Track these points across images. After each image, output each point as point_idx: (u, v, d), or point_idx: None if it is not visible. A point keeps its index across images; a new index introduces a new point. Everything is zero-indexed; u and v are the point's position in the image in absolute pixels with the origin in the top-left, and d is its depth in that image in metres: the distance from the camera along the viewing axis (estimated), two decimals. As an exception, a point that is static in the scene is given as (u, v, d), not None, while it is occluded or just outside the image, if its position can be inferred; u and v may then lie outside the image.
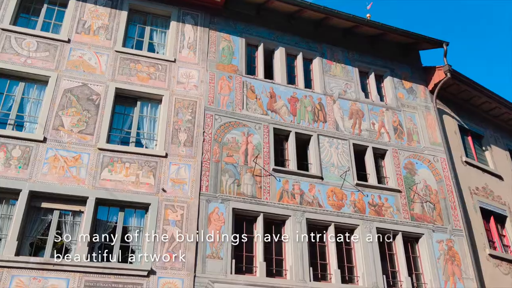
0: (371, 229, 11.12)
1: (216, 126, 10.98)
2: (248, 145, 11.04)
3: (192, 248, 9.29)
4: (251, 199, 10.40)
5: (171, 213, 9.52)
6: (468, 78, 14.21)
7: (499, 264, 12.34)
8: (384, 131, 12.92)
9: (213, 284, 9.11)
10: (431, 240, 11.56)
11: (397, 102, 13.60)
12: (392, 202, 11.77)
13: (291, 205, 10.70)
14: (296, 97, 12.35)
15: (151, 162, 9.95)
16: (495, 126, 15.60)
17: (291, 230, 10.41)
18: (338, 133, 12.28)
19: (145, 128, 10.70)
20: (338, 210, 11.11)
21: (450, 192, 12.55)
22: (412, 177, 12.43)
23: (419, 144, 13.09)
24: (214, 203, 10.00)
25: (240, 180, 10.52)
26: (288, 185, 10.94)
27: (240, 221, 10.27)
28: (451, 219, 12.09)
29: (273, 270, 10.03)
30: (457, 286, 11.15)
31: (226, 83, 11.68)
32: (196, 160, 10.31)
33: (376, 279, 10.50)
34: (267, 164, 10.99)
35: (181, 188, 9.87)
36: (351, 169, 11.81)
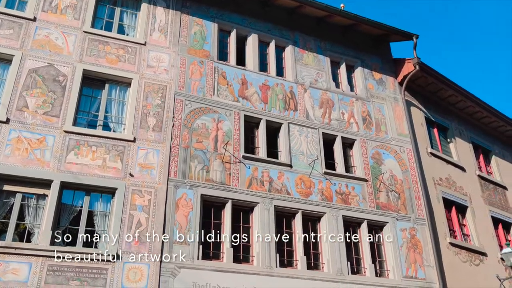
0: (337, 217, 11.31)
1: (186, 111, 10.89)
2: (218, 132, 11.01)
3: (159, 233, 9.24)
4: (220, 185, 10.40)
5: (138, 198, 9.43)
6: (435, 71, 14.52)
7: (459, 252, 12.79)
8: (353, 121, 13.09)
9: (179, 269, 9.11)
10: (395, 228, 11.87)
11: (366, 93, 13.78)
12: (359, 191, 11.99)
13: (260, 192, 10.76)
14: (268, 85, 12.36)
15: (119, 146, 9.80)
16: (460, 119, 16.03)
17: (259, 217, 10.48)
18: (308, 122, 12.38)
19: (113, 112, 10.50)
20: (306, 198, 11.25)
21: (415, 182, 12.88)
22: (379, 167, 12.68)
23: (387, 134, 13.34)
24: (182, 189, 9.95)
25: (209, 166, 10.50)
26: (257, 172, 10.99)
27: (208, 207, 10.27)
28: (414, 208, 12.43)
29: (240, 256, 10.09)
30: (418, 273, 11.51)
31: (197, 68, 11.57)
32: (165, 145, 10.21)
33: (341, 266, 10.72)
34: (237, 151, 10.99)
35: (149, 173, 9.77)
36: (320, 157, 11.95)
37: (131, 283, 8.60)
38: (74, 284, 8.25)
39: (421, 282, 11.40)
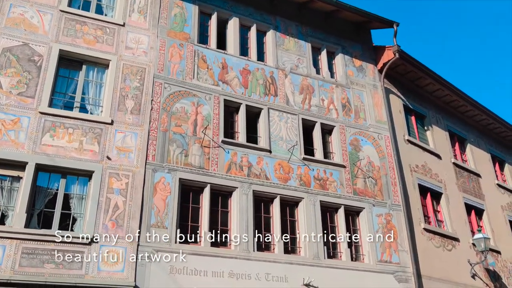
0: (315, 202, 11.43)
1: (165, 94, 10.77)
2: (198, 116, 10.94)
3: (137, 217, 9.20)
4: (198, 170, 10.37)
5: (116, 182, 9.34)
6: (415, 60, 14.67)
7: (432, 237, 13.10)
8: (333, 108, 13.17)
9: (156, 252, 9.11)
10: (371, 214, 12.07)
11: (346, 80, 13.85)
12: (337, 177, 12.12)
13: (239, 177, 10.78)
14: (248, 70, 12.30)
15: (96, 128, 9.66)
16: (438, 107, 16.28)
17: (238, 201, 10.52)
18: (288, 107, 12.40)
19: (90, 94, 10.32)
20: (285, 183, 11.32)
21: (392, 169, 13.07)
22: (357, 153, 12.82)
23: (365, 121, 13.47)
24: (160, 173, 9.90)
25: (188, 150, 10.45)
26: (236, 157, 10.99)
27: (186, 192, 10.25)
28: (391, 194, 12.64)
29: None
30: (393, 258, 11.76)
31: (177, 51, 11.42)
32: (143, 128, 10.11)
33: (318, 250, 10.87)
34: (216, 135, 10.96)
35: (127, 156, 9.68)
36: (299, 143, 12.01)
37: (107, 266, 8.57)
38: (49, 267, 8.18)
39: (395, 266, 11.66)
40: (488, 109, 17.34)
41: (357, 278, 10.98)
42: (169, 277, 9.03)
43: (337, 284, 10.63)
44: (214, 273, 9.50)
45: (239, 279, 9.69)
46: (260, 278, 9.92)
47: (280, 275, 10.15)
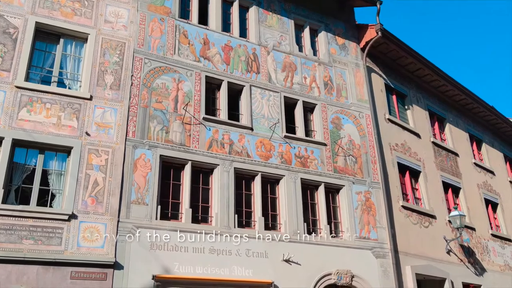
0: (295, 179, 11.51)
1: (146, 70, 10.60)
2: (179, 92, 10.82)
3: (117, 193, 9.14)
4: (179, 146, 10.32)
5: (95, 158, 9.24)
6: (397, 39, 14.68)
7: (410, 214, 13.37)
8: (315, 86, 13.16)
9: (137, 229, 9.11)
10: (351, 191, 12.23)
11: (329, 58, 13.82)
12: (318, 154, 12.20)
13: (220, 154, 10.76)
14: (230, 46, 12.16)
15: (75, 104, 9.48)
16: (418, 87, 16.41)
17: (219, 178, 10.53)
18: (270, 85, 12.34)
19: (68, 68, 10.10)
20: (266, 160, 11.35)
21: (372, 147, 13.21)
22: (338, 131, 12.90)
23: (347, 100, 13.52)
24: (140, 149, 9.82)
25: (169, 127, 10.37)
26: (218, 134, 10.95)
27: (167, 169, 10.21)
28: (370, 172, 12.80)
29: (198, 217, 10.18)
30: (371, 234, 11.99)
31: (157, 26, 11.20)
32: (123, 104, 9.96)
33: (297, 227, 11.01)
34: (197, 112, 10.88)
35: (106, 132, 9.56)
36: (281, 121, 12.01)
37: (87, 242, 8.54)
38: (28, 243, 8.11)
39: (373, 242, 11.90)
40: (467, 89, 17.57)
41: (336, 254, 11.19)
42: (150, 253, 9.06)
43: (316, 259, 10.83)
44: (194, 249, 9.56)
45: (220, 255, 9.78)
46: (241, 254, 10.03)
47: (260, 251, 10.27)
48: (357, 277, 11.23)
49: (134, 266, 8.79)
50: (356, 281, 11.20)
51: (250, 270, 9.96)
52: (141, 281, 8.73)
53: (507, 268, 16.47)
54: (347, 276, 11.06)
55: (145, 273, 8.82)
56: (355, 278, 11.19)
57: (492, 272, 15.44)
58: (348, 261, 11.27)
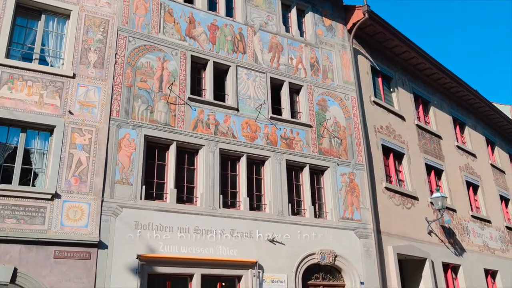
0: (281, 161, 11.55)
1: (130, 48, 10.43)
2: (164, 71, 10.69)
3: (100, 173, 9.07)
4: (164, 126, 10.24)
5: (79, 137, 9.13)
6: (384, 21, 14.66)
7: (393, 196, 13.55)
8: (301, 67, 13.12)
9: (121, 209, 9.08)
10: (335, 173, 12.33)
11: (316, 39, 13.75)
12: (303, 136, 12.23)
13: (205, 135, 10.72)
14: (216, 25, 12.01)
15: (57, 82, 9.31)
16: (404, 70, 16.48)
17: (204, 159, 10.51)
18: (257, 65, 12.26)
19: (50, 45, 9.88)
20: (252, 141, 11.35)
21: (357, 129, 13.29)
22: (324, 113, 12.92)
23: (333, 82, 13.52)
24: (125, 129, 9.72)
25: (154, 107, 10.26)
26: (203, 114, 10.89)
27: (152, 149, 10.15)
28: (355, 154, 12.90)
29: (183, 197, 10.18)
30: (354, 215, 12.15)
31: (142, 3, 10.98)
32: (107, 83, 9.81)
33: (282, 207, 11.09)
34: (182, 92, 10.78)
35: (90, 111, 9.43)
36: (267, 102, 11.98)
37: (71, 221, 8.49)
38: (10, 222, 8.03)
39: (357, 223, 12.06)
40: (452, 72, 17.71)
41: (320, 234, 11.33)
42: (134, 233, 9.06)
43: (300, 240, 10.96)
44: (179, 229, 9.59)
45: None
46: (225, 234, 10.09)
47: (245, 231, 10.35)
48: (340, 256, 11.40)
49: (118, 246, 8.78)
50: (339, 260, 11.39)
51: (235, 250, 10.05)
52: (126, 260, 8.74)
53: (485, 249, 16.89)
54: (330, 256, 11.23)
55: (130, 252, 8.83)
56: (338, 257, 11.36)
57: (471, 252, 15.82)
58: (331, 241, 11.43)
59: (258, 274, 10.09)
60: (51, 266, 8.05)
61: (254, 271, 10.04)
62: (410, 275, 13.62)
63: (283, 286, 10.32)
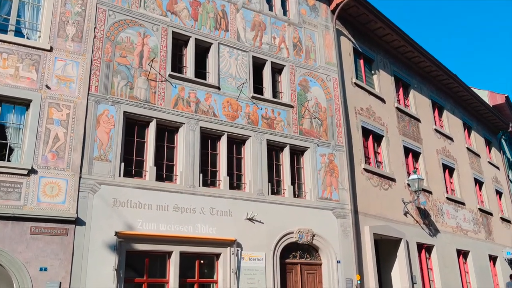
0: (261, 140, 11.56)
1: (110, 22, 10.18)
2: (144, 47, 10.49)
3: (78, 149, 8.94)
4: (144, 103, 10.11)
5: (56, 112, 8.94)
6: (367, 2, 14.63)
7: (371, 177, 13.75)
8: (284, 47, 13.04)
9: (99, 185, 8.99)
10: (315, 153, 12.41)
11: (299, 18, 13.65)
12: (284, 116, 12.24)
13: (186, 113, 10.63)
14: (199, 1, 11.80)
15: (34, 55, 9.05)
16: (386, 52, 16.54)
17: (184, 137, 10.44)
18: (239, 44, 12.14)
19: (26, 17, 9.56)
20: (232, 120, 11.30)
21: (338, 110, 13.35)
22: (305, 94, 12.93)
23: (315, 62, 13.49)
24: (104, 105, 9.56)
25: (134, 83, 10.10)
26: (184, 92, 10.77)
27: (131, 126, 10.02)
28: (335, 135, 12.99)
29: (163, 175, 10.13)
30: (333, 195, 12.30)
31: (122, -24, 10.69)
32: (86, 57, 9.59)
33: (262, 187, 11.15)
34: (163, 69, 10.62)
35: (68, 86, 9.22)
36: (248, 81, 11.91)
37: (47, 197, 8.37)
38: (-16, 198, 7.89)
39: (335, 203, 12.22)
40: (433, 56, 17.87)
41: (298, 213, 11.45)
42: (113, 210, 9.00)
43: (279, 219, 11.06)
44: (158, 207, 9.56)
45: (184, 212, 9.83)
46: (205, 212, 10.11)
47: (225, 210, 10.39)
48: (318, 236, 11.57)
49: (96, 223, 8.72)
50: (317, 239, 11.56)
51: (214, 228, 10.09)
52: (104, 237, 8.70)
53: (458, 230, 17.35)
54: (308, 235, 11.38)
55: (108, 229, 8.78)
56: (315, 237, 11.53)
57: (444, 233, 16.24)
58: (309, 220, 11.57)
59: (237, 252, 10.18)
60: (27, 242, 7.96)
61: (232, 249, 10.13)
62: (386, 255, 13.94)
63: (261, 264, 10.45)
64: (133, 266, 9.19)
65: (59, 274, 8.08)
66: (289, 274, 11.15)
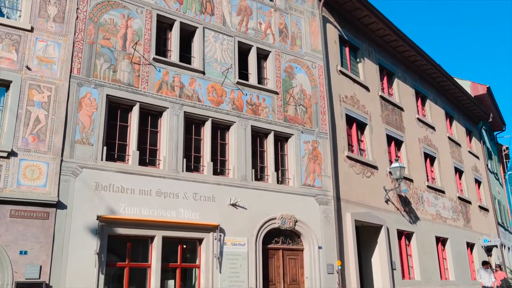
0: (246, 126, 11.54)
1: (92, 3, 9.97)
2: (128, 30, 10.33)
3: (60, 132, 8.80)
4: (127, 87, 9.98)
5: (37, 94, 8.77)
6: (354, -11, 14.59)
7: (354, 165, 13.87)
8: (270, 32, 12.97)
9: (81, 169, 8.89)
10: (299, 140, 12.46)
11: (285, 4, 13.57)
12: (269, 102, 12.22)
13: (170, 97, 10.53)
14: (184, -16, 11.63)
15: (14, 35, 8.83)
16: (371, 41, 16.58)
17: (168, 122, 10.36)
18: (225, 28, 12.03)
19: (6, -5, 9.32)
20: (217, 106, 11.25)
21: (322, 98, 13.38)
22: (290, 80, 12.92)
23: (301, 49, 13.47)
24: (86, 88, 9.41)
25: (117, 66, 9.95)
26: (168, 76, 10.66)
27: (114, 109, 9.90)
28: (319, 122, 13.04)
29: (146, 160, 10.06)
30: (316, 182, 12.39)
31: (106, -44, 10.46)
32: (68, 39, 9.40)
33: (246, 173, 11.16)
34: (147, 52, 10.49)
35: (49, 67, 9.04)
36: (234, 67, 11.84)
37: (28, 180, 8.25)
38: (-38, 180, 7.74)
39: (317, 190, 12.32)
40: (417, 45, 17.98)
41: (281, 199, 11.52)
42: (95, 194, 8.92)
43: (262, 204, 11.12)
44: (141, 191, 9.51)
45: (167, 197, 9.80)
46: (188, 197, 10.10)
47: (208, 195, 10.39)
48: (300, 222, 11.68)
49: (78, 206, 8.64)
50: (299, 225, 11.66)
51: (197, 213, 10.10)
52: (85, 221, 8.63)
53: (438, 217, 17.68)
54: (291, 221, 11.48)
55: (90, 213, 8.72)
56: (298, 223, 11.63)
57: (424, 220, 16.54)
58: (292, 207, 11.65)
59: (220, 237, 10.21)
60: (7, 225, 7.86)
61: (215, 234, 10.16)
62: (366, 241, 14.15)
63: (243, 249, 10.51)
64: (115, 250, 9.16)
65: (40, 257, 8.01)
66: (271, 259, 11.25)
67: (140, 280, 9.36)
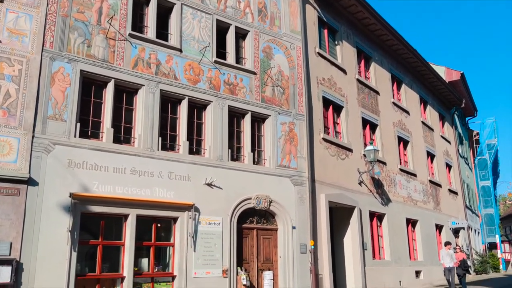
0: (223, 106, 11.48)
1: (66, -25, 9.65)
2: (103, 3, 10.05)
3: (31, 107, 8.57)
4: (102, 63, 9.75)
5: (7, 67, 8.50)
6: (334, -29, 14.51)
7: (329, 147, 14.01)
8: (249, 11, 12.83)
9: (54, 145, 8.70)
10: (276, 121, 12.47)
11: (265, -17, 13.41)
12: (247, 83, 12.16)
13: (146, 75, 10.36)
14: (162, -41, 11.34)
15: (-18, 5, 8.50)
16: (350, 23, 16.59)
17: (144, 99, 10.21)
18: (203, 6, 11.83)
19: (-26, -38, 8.90)
20: (194, 85, 11.13)
21: (300, 79, 13.39)
22: (268, 61, 12.85)
23: (280, 29, 13.38)
24: (59, 62, 9.16)
25: (91, 41, 9.70)
26: (144, 53, 10.46)
27: (88, 85, 9.69)
28: (296, 104, 13.06)
29: (121, 137, 9.92)
30: (291, 163, 12.48)
31: None
32: (40, 11, 9.09)
33: (222, 153, 11.14)
34: (123, 27, 10.24)
35: (20, 40, 8.75)
36: (212, 45, 11.69)
37: (-2, 156, 8.05)
38: None
39: (293, 171, 12.42)
40: (394, 29, 18.08)
41: (257, 180, 11.58)
42: (67, 171, 8.77)
43: (238, 184, 11.15)
44: (115, 169, 9.40)
45: (142, 176, 9.72)
46: (163, 176, 10.04)
47: (183, 174, 10.35)
48: (275, 202, 11.78)
49: (50, 183, 8.49)
50: (274, 206, 11.77)
51: (172, 192, 10.06)
52: (58, 198, 8.50)
53: (409, 200, 18.11)
54: (266, 201, 11.57)
55: (62, 190, 8.58)
56: (273, 203, 11.74)
57: (396, 202, 16.91)
58: (267, 187, 11.73)
59: (195, 216, 10.22)
60: (-24, 202, 7.68)
61: (190, 213, 10.16)
62: (339, 222, 14.42)
63: (218, 229, 10.56)
64: (88, 228, 9.08)
65: (10, 234, 7.88)
66: (245, 239, 11.35)
67: (114, 258, 9.33)
